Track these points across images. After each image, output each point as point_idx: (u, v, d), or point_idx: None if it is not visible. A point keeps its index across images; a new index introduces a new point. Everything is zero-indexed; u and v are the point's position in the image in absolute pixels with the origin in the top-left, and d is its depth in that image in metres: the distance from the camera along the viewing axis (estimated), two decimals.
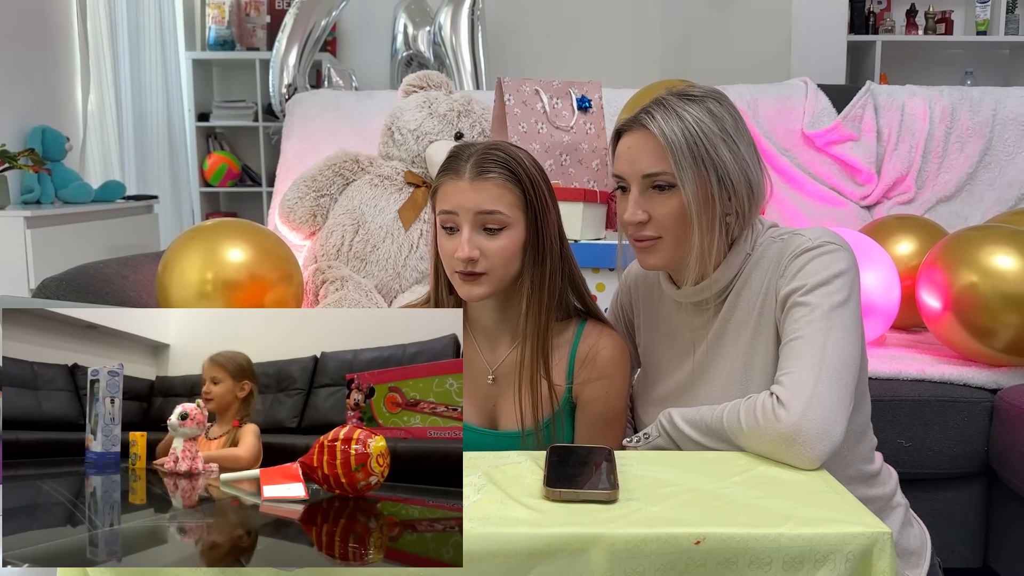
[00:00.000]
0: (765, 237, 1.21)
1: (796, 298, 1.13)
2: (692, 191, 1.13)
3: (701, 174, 1.13)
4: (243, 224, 2.05)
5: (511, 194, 1.18)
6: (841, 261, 1.14)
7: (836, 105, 2.65)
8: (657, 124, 1.14)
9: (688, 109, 1.14)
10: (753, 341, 1.18)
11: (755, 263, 1.20)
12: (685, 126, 1.13)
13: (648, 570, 0.85)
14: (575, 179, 2.12)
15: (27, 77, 3.26)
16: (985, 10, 4.52)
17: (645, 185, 1.16)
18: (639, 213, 1.16)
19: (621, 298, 1.41)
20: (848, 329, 1.11)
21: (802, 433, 1.03)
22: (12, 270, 2.66)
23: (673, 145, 1.13)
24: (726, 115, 1.16)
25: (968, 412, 1.76)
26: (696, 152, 1.13)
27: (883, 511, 1.25)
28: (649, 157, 1.15)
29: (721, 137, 1.14)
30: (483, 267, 1.18)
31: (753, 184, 1.17)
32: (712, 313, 1.23)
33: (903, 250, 2.15)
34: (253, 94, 4.54)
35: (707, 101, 1.16)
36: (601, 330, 1.27)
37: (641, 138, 1.16)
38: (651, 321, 1.34)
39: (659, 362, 1.31)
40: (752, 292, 1.19)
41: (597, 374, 1.25)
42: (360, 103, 2.77)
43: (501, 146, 1.21)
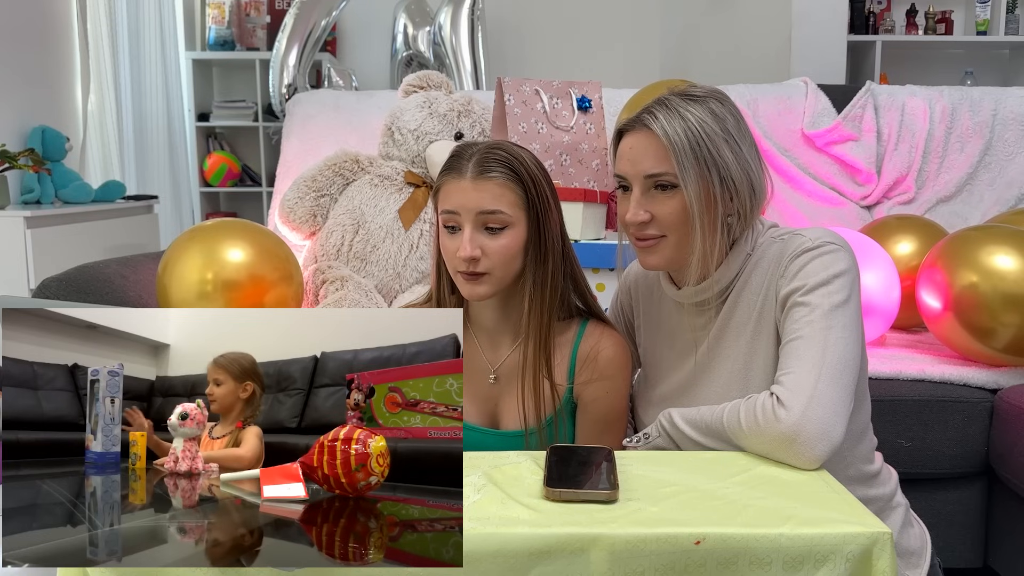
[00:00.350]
0: (765, 237, 1.21)
1: (796, 298, 1.13)
2: (694, 191, 1.13)
3: (703, 174, 1.13)
4: (243, 224, 2.05)
5: (513, 193, 1.18)
6: (841, 261, 1.14)
7: (836, 105, 2.65)
8: (660, 124, 1.14)
9: (691, 109, 1.14)
10: (753, 341, 1.18)
11: (755, 263, 1.20)
12: (688, 126, 1.13)
13: (648, 570, 0.85)
14: (575, 179, 2.12)
15: (27, 77, 3.26)
16: (985, 10, 4.52)
17: (647, 185, 1.16)
18: (641, 213, 1.16)
19: (621, 298, 1.41)
20: (848, 329, 1.11)
21: (802, 433, 1.03)
22: (12, 270, 2.66)
23: (676, 145, 1.13)
24: (728, 115, 1.16)
25: (968, 412, 1.76)
26: (699, 152, 1.13)
27: (883, 511, 1.25)
28: (651, 157, 1.15)
29: (723, 137, 1.14)
30: (485, 267, 1.18)
31: (755, 184, 1.17)
32: (712, 313, 1.23)
33: (903, 250, 2.15)
34: (253, 94, 4.54)
35: (709, 101, 1.16)
36: (603, 330, 1.27)
37: (643, 138, 1.16)
38: (651, 321, 1.34)
39: (659, 362, 1.31)
40: (752, 292, 1.19)
41: (598, 374, 1.25)
42: (360, 103, 2.77)
43: (503, 145, 1.21)
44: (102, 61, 3.68)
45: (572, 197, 1.85)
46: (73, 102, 3.61)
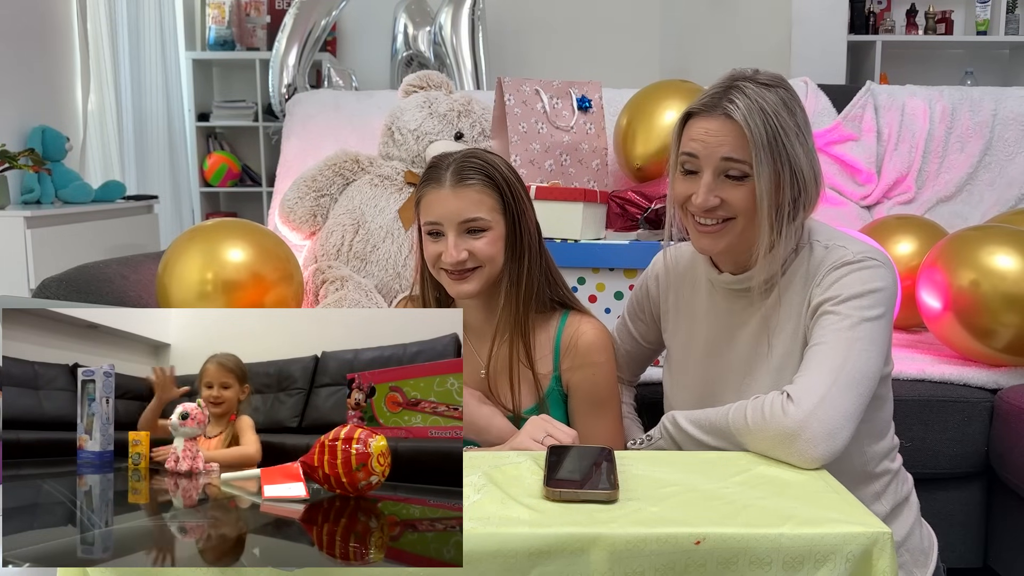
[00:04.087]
0: (808, 236, 1.21)
1: (827, 307, 1.12)
2: (767, 184, 1.12)
3: (776, 168, 1.12)
4: (243, 224, 2.05)
5: (491, 199, 1.26)
6: (880, 279, 1.13)
7: (836, 105, 2.65)
8: (741, 113, 1.12)
9: (767, 98, 1.12)
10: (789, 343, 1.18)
11: (800, 263, 1.19)
12: (767, 118, 1.11)
13: (648, 570, 0.85)
14: (575, 179, 2.12)
15: (27, 77, 3.26)
16: (985, 10, 4.52)
17: (720, 170, 1.15)
18: (712, 199, 1.15)
19: (648, 285, 1.41)
20: (874, 344, 1.10)
21: (806, 431, 1.03)
22: (12, 270, 2.66)
23: (756, 136, 1.11)
24: (797, 108, 1.16)
25: (968, 412, 1.76)
26: (775, 146, 1.12)
27: (899, 508, 1.25)
28: (729, 144, 1.13)
29: (795, 131, 1.14)
30: (473, 263, 1.25)
31: (818, 179, 1.16)
32: (758, 304, 1.22)
33: (903, 250, 2.15)
34: (253, 94, 4.54)
35: (780, 91, 1.15)
36: (582, 318, 1.34)
37: (722, 124, 1.14)
38: (683, 309, 1.34)
39: (694, 349, 1.31)
40: (794, 294, 1.19)
41: (580, 360, 1.31)
42: (360, 103, 2.77)
43: (477, 153, 1.28)
44: (102, 61, 3.68)
45: (572, 197, 1.85)
46: (73, 102, 3.60)
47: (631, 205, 2.07)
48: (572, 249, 1.82)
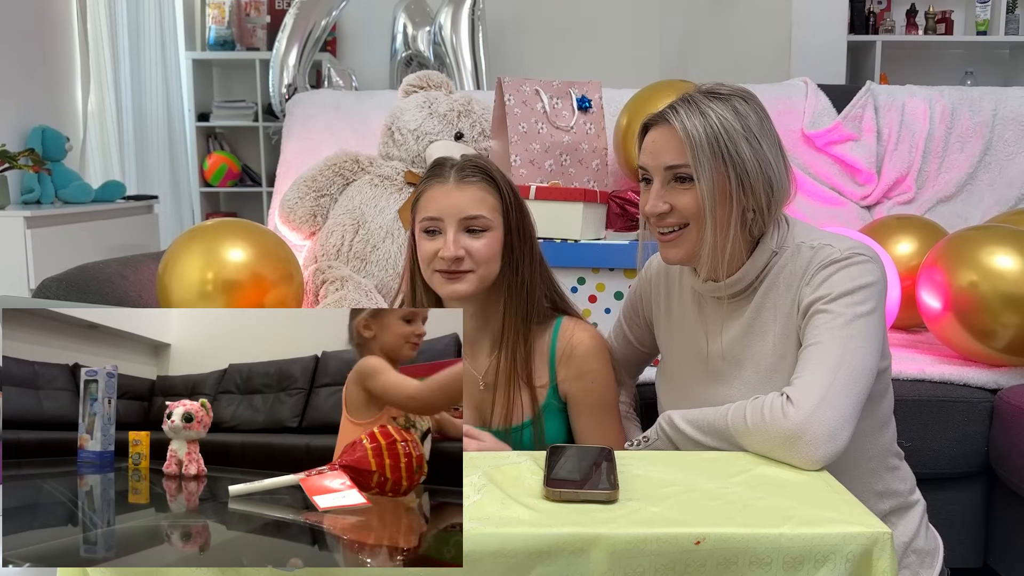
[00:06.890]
0: (793, 238, 1.21)
1: (819, 306, 1.13)
2: (708, 186, 1.14)
3: (719, 170, 1.15)
4: (243, 224, 2.04)
5: (492, 198, 1.26)
6: (869, 273, 1.14)
7: (836, 105, 2.65)
8: (680, 120, 1.16)
9: (712, 106, 1.16)
10: (779, 345, 1.18)
11: (783, 264, 1.20)
12: (707, 123, 1.15)
13: (648, 570, 0.85)
14: (575, 179, 2.12)
15: (27, 77, 3.25)
16: (985, 10, 4.52)
17: (667, 177, 1.18)
18: (660, 204, 1.19)
19: (640, 290, 1.42)
20: (869, 340, 1.10)
21: (807, 432, 1.03)
22: (12, 270, 2.65)
23: (693, 140, 1.15)
24: (751, 114, 1.18)
25: (968, 412, 1.76)
26: (715, 148, 1.14)
27: (904, 506, 1.25)
28: (671, 151, 1.17)
29: (743, 135, 1.16)
30: (468, 265, 1.24)
31: (774, 183, 1.18)
32: (740, 310, 1.23)
33: (903, 250, 2.15)
34: (253, 94, 4.54)
35: (733, 99, 1.18)
36: (575, 324, 1.33)
37: (665, 132, 1.18)
38: (672, 314, 1.34)
39: (681, 356, 1.31)
40: (779, 295, 1.19)
41: (577, 370, 1.30)
42: (360, 103, 2.77)
43: (478, 158, 1.30)
44: (102, 61, 3.67)
45: (572, 197, 1.85)
46: (73, 102, 3.60)
47: (631, 205, 2.07)
48: (572, 249, 1.82)
